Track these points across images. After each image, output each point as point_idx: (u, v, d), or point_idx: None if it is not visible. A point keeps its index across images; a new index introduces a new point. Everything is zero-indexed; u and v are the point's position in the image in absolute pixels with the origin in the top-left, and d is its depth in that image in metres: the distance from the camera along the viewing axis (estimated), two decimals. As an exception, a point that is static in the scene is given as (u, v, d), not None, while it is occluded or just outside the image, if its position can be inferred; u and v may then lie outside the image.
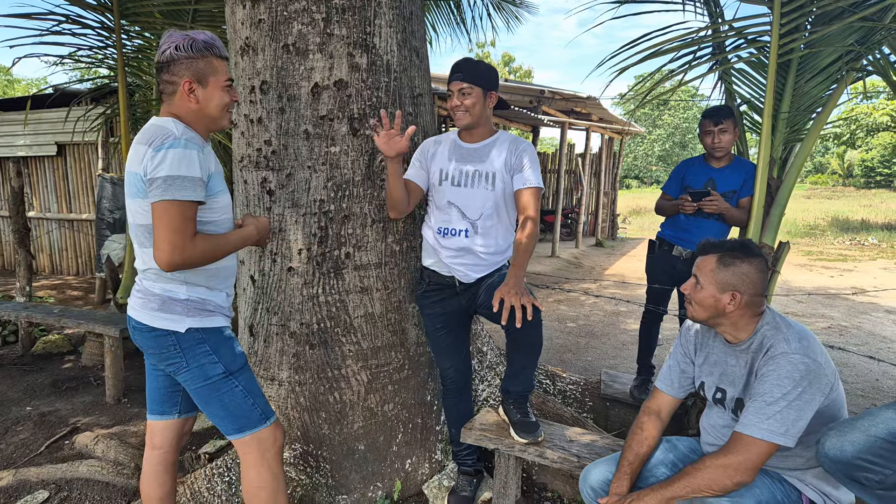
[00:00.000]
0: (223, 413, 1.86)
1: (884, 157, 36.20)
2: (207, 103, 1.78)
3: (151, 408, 2.04)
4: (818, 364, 1.65)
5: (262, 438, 1.90)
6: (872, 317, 6.67)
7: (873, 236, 15.40)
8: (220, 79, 1.79)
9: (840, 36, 2.70)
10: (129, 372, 4.21)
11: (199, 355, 1.81)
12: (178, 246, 1.64)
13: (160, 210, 1.64)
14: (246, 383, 1.88)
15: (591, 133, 12.59)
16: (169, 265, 1.66)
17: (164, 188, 1.62)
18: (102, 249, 6.29)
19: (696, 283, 1.82)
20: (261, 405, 1.91)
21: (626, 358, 4.99)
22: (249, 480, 1.93)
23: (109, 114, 5.44)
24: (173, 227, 1.63)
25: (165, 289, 1.79)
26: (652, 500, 1.71)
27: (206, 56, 1.76)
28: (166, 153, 1.63)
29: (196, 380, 1.82)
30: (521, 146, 2.36)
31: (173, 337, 1.79)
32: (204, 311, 1.83)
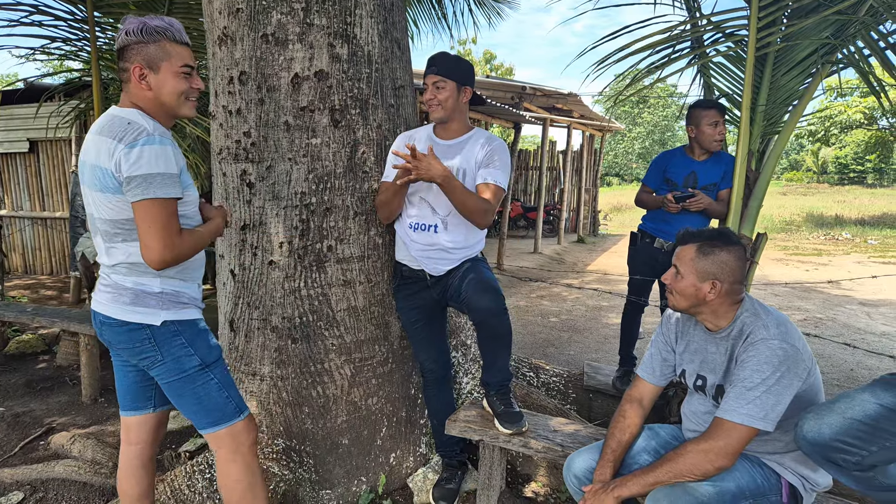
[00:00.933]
0: (197, 407, 1.83)
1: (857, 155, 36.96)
2: (160, 90, 1.72)
3: (124, 404, 2.00)
4: (796, 349, 1.67)
5: (236, 432, 1.88)
6: (846, 309, 6.80)
7: (847, 231, 15.73)
8: (175, 64, 1.72)
9: (816, 30, 2.74)
10: (106, 371, 4.13)
11: (175, 348, 1.78)
12: (167, 243, 1.63)
13: (144, 209, 1.61)
14: (221, 376, 1.86)
15: (573, 130, 12.66)
16: (161, 263, 1.64)
17: (145, 187, 1.59)
18: (77, 247, 6.14)
19: (677, 273, 1.83)
20: (235, 399, 1.89)
21: (608, 351, 5.03)
22: (226, 474, 1.90)
23: (83, 108, 5.33)
24: (161, 225, 1.62)
25: (138, 282, 1.75)
26: (635, 486, 1.73)
27: (159, 40, 1.69)
28: (142, 150, 1.59)
29: (171, 373, 1.79)
30: (494, 144, 2.37)
31: (147, 330, 1.75)
32: (178, 304, 1.80)
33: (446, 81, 2.30)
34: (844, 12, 2.65)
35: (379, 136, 2.55)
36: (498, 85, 9.19)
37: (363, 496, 2.57)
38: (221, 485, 1.93)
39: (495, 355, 2.35)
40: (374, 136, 2.54)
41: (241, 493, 1.91)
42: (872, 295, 7.59)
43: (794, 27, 2.70)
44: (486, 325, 2.27)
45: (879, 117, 18.55)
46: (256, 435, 1.95)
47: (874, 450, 1.52)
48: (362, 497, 2.57)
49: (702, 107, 3.12)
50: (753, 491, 1.72)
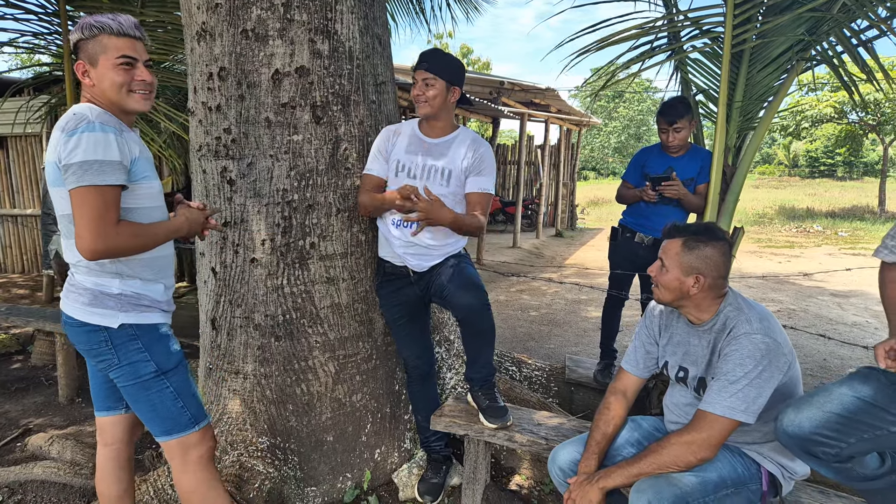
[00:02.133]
0: (151, 414, 1.79)
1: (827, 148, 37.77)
2: (101, 84, 1.68)
3: (98, 404, 1.97)
4: (778, 343, 1.71)
5: (187, 444, 1.82)
6: (819, 300, 6.97)
7: (818, 224, 16.09)
8: (111, 56, 1.67)
9: (790, 27, 2.79)
10: (83, 371, 4.06)
11: (131, 352, 1.73)
12: (99, 233, 1.56)
13: (79, 197, 1.55)
14: (178, 385, 1.80)
15: (550, 125, 12.73)
16: (91, 253, 1.58)
17: (81, 174, 1.55)
18: (50, 245, 6.03)
19: (662, 266, 1.86)
20: (192, 408, 1.83)
21: (588, 344, 5.09)
22: (178, 485, 1.87)
23: (55, 103, 5.21)
24: (94, 213, 1.55)
25: (97, 283, 1.71)
26: (619, 478, 1.76)
27: (97, 35, 1.66)
28: (80, 137, 1.55)
29: (127, 377, 1.75)
30: (482, 148, 2.38)
31: (105, 333, 1.71)
32: (139, 307, 1.75)
33: (436, 79, 2.29)
34: (818, 10, 2.71)
35: (361, 132, 2.54)
36: (476, 80, 9.20)
37: (348, 492, 2.58)
38: (180, 495, 1.89)
39: (479, 351, 2.36)
40: (356, 132, 2.53)
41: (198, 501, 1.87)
42: (843, 286, 7.79)
43: (769, 24, 2.76)
44: (469, 321, 2.29)
45: (849, 111, 18.97)
46: (213, 447, 1.90)
47: (852, 441, 1.57)
48: (347, 493, 2.57)
49: (658, 112, 3.19)
50: (734, 480, 1.76)
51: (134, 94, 1.72)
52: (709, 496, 1.71)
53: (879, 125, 18.75)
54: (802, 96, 19.33)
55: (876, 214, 18.08)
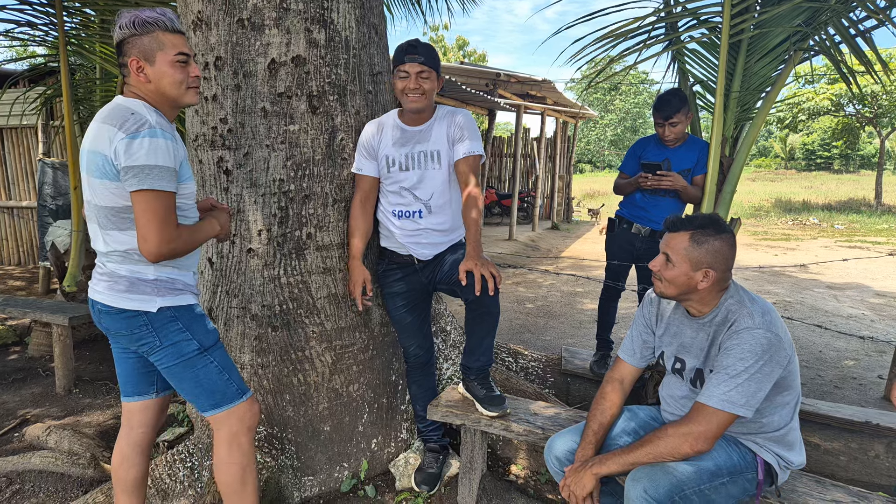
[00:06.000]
0: (198, 390, 1.84)
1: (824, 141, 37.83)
2: (159, 81, 1.72)
3: (126, 390, 2.00)
4: (779, 338, 1.71)
5: (237, 414, 1.89)
6: (814, 292, 6.99)
7: (814, 216, 16.13)
8: (169, 54, 1.72)
9: (788, 17, 2.79)
10: (80, 362, 4.07)
11: (173, 333, 1.78)
12: (164, 236, 1.64)
13: (143, 200, 1.61)
14: (220, 359, 1.87)
15: (546, 117, 12.70)
16: (156, 256, 1.65)
17: (142, 177, 1.60)
18: (46, 237, 6.01)
19: (667, 261, 1.82)
20: (236, 381, 1.90)
21: (584, 336, 5.10)
22: (221, 456, 1.91)
23: (50, 94, 5.18)
24: (159, 217, 1.63)
25: (133, 270, 1.76)
26: (614, 465, 1.77)
27: (151, 31, 1.69)
28: (142, 141, 1.60)
29: (170, 358, 1.80)
30: (457, 116, 2.38)
31: (144, 317, 1.76)
32: (174, 290, 1.80)
33: (431, 72, 2.29)
34: (816, 0, 2.70)
35: (357, 122, 2.53)
36: (472, 71, 9.17)
37: (345, 482, 2.58)
38: (216, 466, 1.93)
39: (482, 337, 2.37)
40: (352, 122, 2.52)
41: (234, 475, 1.92)
42: (839, 278, 7.82)
43: (767, 14, 2.75)
44: (479, 303, 2.28)
45: (846, 104, 18.98)
46: (258, 418, 1.96)
47: None
48: (344, 483, 2.58)
49: (654, 108, 3.18)
50: (730, 469, 1.77)
51: (189, 89, 1.79)
52: (704, 485, 1.71)
53: (876, 118, 18.77)
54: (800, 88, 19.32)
55: (872, 207, 18.13)
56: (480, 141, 2.39)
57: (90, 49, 4.61)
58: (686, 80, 3.28)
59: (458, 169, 2.35)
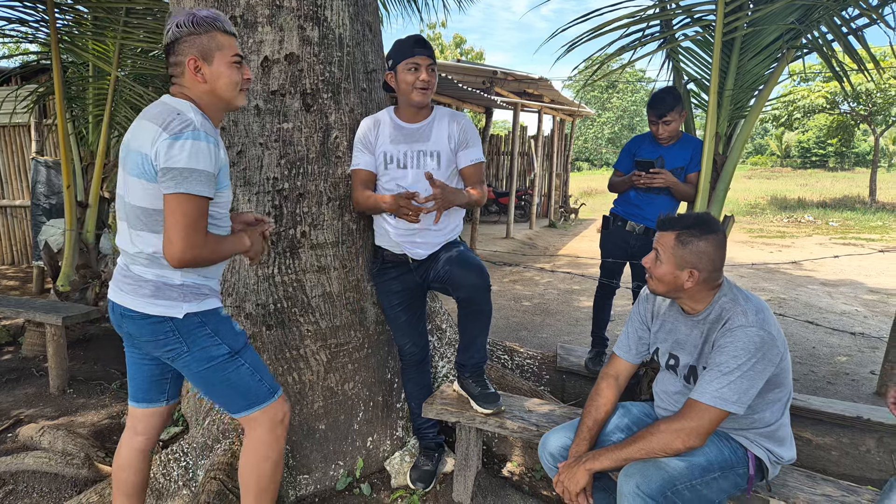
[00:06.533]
0: (230, 392, 1.81)
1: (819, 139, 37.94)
2: (216, 82, 1.70)
3: (136, 396, 1.97)
4: (772, 336, 1.72)
5: (270, 412, 1.87)
6: (809, 289, 7.02)
7: (809, 214, 16.19)
8: (227, 54, 1.71)
9: (781, 14, 2.79)
10: (74, 362, 4.06)
11: (201, 338, 1.74)
12: (190, 242, 1.59)
13: (175, 203, 1.58)
14: (251, 360, 1.84)
15: (543, 115, 12.71)
16: (179, 261, 1.61)
17: (180, 180, 1.56)
18: (40, 236, 5.99)
19: (657, 259, 1.85)
20: (268, 380, 1.87)
21: (580, 334, 5.12)
22: (257, 455, 1.88)
23: (43, 92, 5.15)
24: (189, 222, 1.58)
25: (159, 274, 1.71)
26: (607, 461, 1.78)
27: (210, 31, 1.67)
28: (184, 143, 1.56)
29: (199, 363, 1.76)
30: (462, 121, 2.40)
31: (171, 323, 1.71)
32: (200, 295, 1.76)
33: (435, 67, 2.32)
34: (808, -2, 2.70)
35: (352, 120, 2.53)
36: (469, 69, 9.17)
37: (340, 480, 2.59)
38: (247, 463, 1.90)
39: (475, 334, 2.38)
40: (346, 120, 2.52)
41: (268, 472, 1.90)
42: (833, 275, 7.85)
43: (760, 12, 2.75)
44: (471, 301, 2.30)
45: (841, 102, 19.04)
46: (289, 412, 1.94)
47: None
48: (340, 481, 2.58)
49: (648, 106, 3.19)
50: (722, 464, 1.78)
51: (242, 91, 1.78)
52: (696, 480, 1.72)
53: (871, 115, 18.84)
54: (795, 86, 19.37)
55: (867, 204, 18.20)
56: (481, 146, 2.44)
57: (83, 46, 4.58)
58: (680, 78, 3.28)
59: (466, 175, 2.41)
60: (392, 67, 2.33)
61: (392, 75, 2.34)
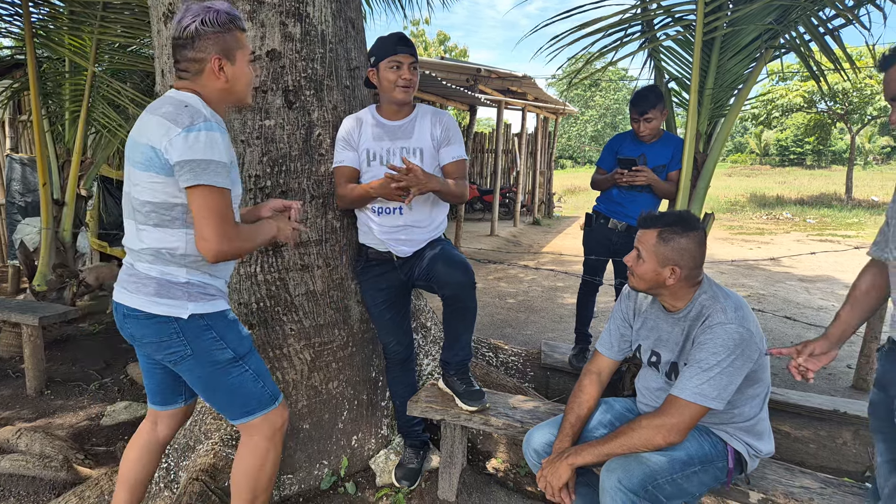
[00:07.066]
0: (231, 398, 1.77)
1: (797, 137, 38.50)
2: (237, 81, 1.69)
3: (154, 399, 1.95)
4: (751, 333, 1.75)
5: (272, 420, 1.84)
6: (787, 285, 7.13)
7: (787, 211, 16.43)
8: (246, 53, 1.70)
9: (759, 15, 2.83)
10: (51, 363, 3.99)
11: (206, 342, 1.70)
12: (224, 234, 1.56)
13: (201, 196, 1.54)
14: (255, 366, 1.81)
15: (527, 113, 12.75)
16: (217, 255, 1.57)
17: (198, 171, 1.53)
18: (15, 234, 5.88)
19: (638, 257, 1.86)
20: (270, 386, 1.84)
21: (565, 330, 5.15)
22: (252, 462, 1.84)
23: (17, 88, 5.05)
24: (219, 214, 1.55)
25: (164, 271, 1.66)
26: (589, 456, 1.79)
27: (232, 30, 1.65)
28: (199, 135, 1.53)
29: (202, 367, 1.71)
30: (444, 118, 2.40)
31: (176, 324, 1.66)
32: (206, 295, 1.71)
33: (417, 64, 2.31)
34: (787, -2, 2.74)
35: (335, 117, 2.52)
36: (453, 67, 9.16)
37: (325, 479, 2.58)
38: (242, 470, 1.86)
39: (460, 332, 2.38)
40: (329, 117, 2.50)
41: (265, 479, 1.87)
42: (810, 271, 7.98)
43: (740, 12, 2.79)
44: (456, 298, 2.29)
45: (818, 100, 19.33)
46: (287, 416, 1.92)
47: None
48: (324, 480, 2.57)
49: (630, 103, 3.22)
50: (702, 458, 1.81)
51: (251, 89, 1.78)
52: (676, 474, 1.75)
53: (847, 114, 19.15)
54: (773, 85, 19.63)
55: (843, 202, 18.52)
56: (463, 143, 2.44)
57: (59, 41, 4.50)
58: (662, 76, 3.31)
59: (448, 172, 2.40)
60: (374, 65, 2.32)
61: (374, 72, 2.34)
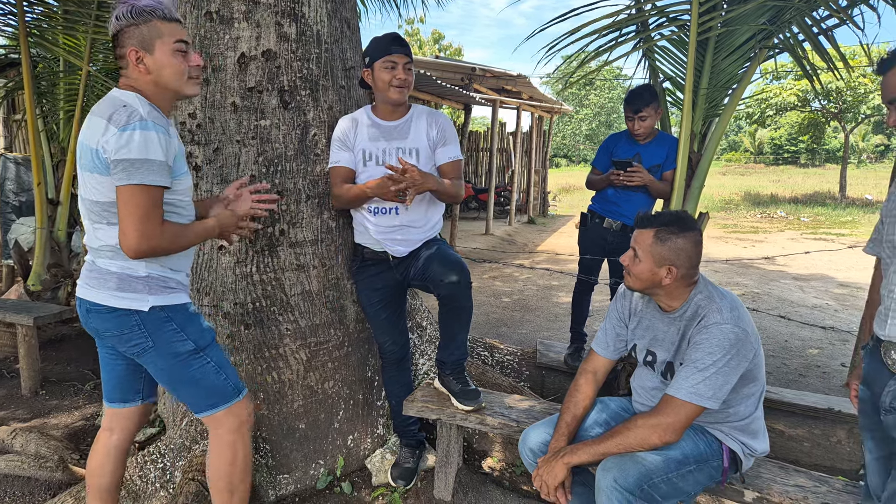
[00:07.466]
0: (194, 390, 1.79)
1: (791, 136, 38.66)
2: (160, 71, 1.67)
3: (111, 396, 1.94)
4: (746, 333, 1.76)
5: (236, 412, 1.85)
6: (781, 283, 7.17)
7: (781, 209, 16.50)
8: (168, 42, 1.66)
9: (753, 15, 2.84)
10: (46, 363, 3.98)
11: (167, 333, 1.73)
12: (146, 234, 1.58)
13: (127, 195, 1.57)
14: (217, 358, 1.83)
15: (522, 112, 12.76)
16: (136, 252, 1.59)
17: (132, 171, 1.55)
18: (9, 234, 5.85)
19: (635, 256, 1.87)
20: (233, 379, 1.86)
21: (560, 329, 5.16)
22: (223, 455, 1.86)
23: (11, 87, 5.03)
24: (141, 213, 1.57)
25: (123, 266, 1.70)
26: (585, 455, 1.80)
27: (149, 20, 1.64)
28: (132, 134, 1.55)
29: (164, 359, 1.74)
30: (440, 119, 2.41)
31: (136, 316, 1.70)
32: (167, 288, 1.75)
33: (412, 64, 2.31)
34: (780, -1, 2.75)
35: (330, 117, 2.52)
36: (448, 66, 9.16)
37: (321, 479, 2.58)
38: (215, 467, 1.87)
39: (456, 331, 2.38)
40: (325, 117, 2.50)
41: (237, 475, 1.88)
42: (805, 270, 8.02)
43: (734, 13, 2.80)
44: (452, 298, 2.31)
45: (812, 99, 19.42)
46: (253, 411, 1.93)
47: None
48: (320, 480, 2.58)
49: (625, 101, 3.22)
50: (697, 457, 1.82)
51: (191, 80, 1.73)
52: (672, 473, 1.76)
53: (841, 113, 19.25)
54: (767, 84, 19.71)
55: (837, 200, 18.61)
56: (458, 143, 2.45)
57: (53, 40, 4.48)
58: (656, 76, 3.33)
59: (444, 172, 2.40)
60: (369, 65, 2.33)
61: (369, 72, 2.34)
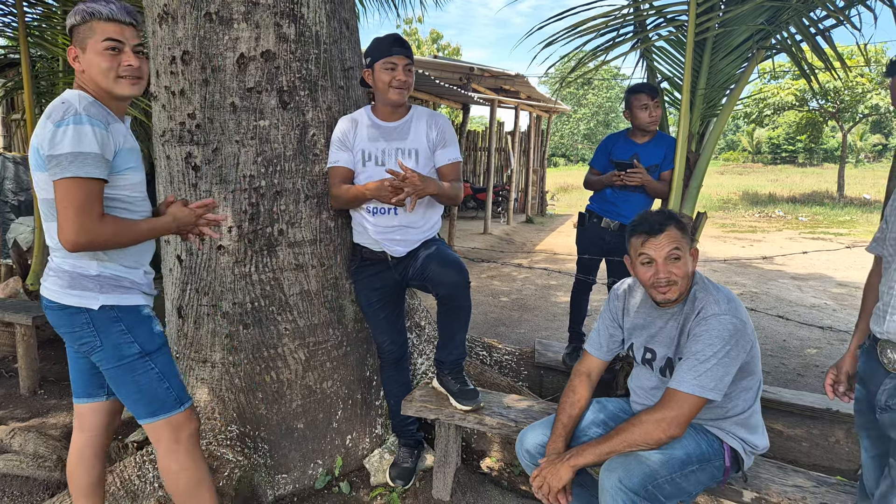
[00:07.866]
0: (137, 396, 1.79)
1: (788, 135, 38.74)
2: (89, 69, 1.68)
3: (77, 391, 1.96)
4: (744, 323, 1.78)
5: (174, 424, 1.84)
6: (779, 283, 7.18)
7: (779, 209, 16.53)
8: (98, 40, 1.66)
9: (751, 16, 2.85)
10: (44, 362, 3.98)
11: (114, 334, 1.74)
12: (81, 226, 1.58)
13: (62, 189, 1.57)
14: (162, 366, 1.82)
15: (520, 111, 12.76)
16: (72, 245, 1.59)
17: (65, 166, 1.56)
18: (8, 234, 5.85)
19: (678, 259, 1.83)
20: (176, 389, 1.85)
21: (558, 329, 5.17)
22: (167, 467, 1.87)
23: (11, 87, 5.02)
24: (76, 206, 1.57)
25: (75, 265, 1.72)
26: (590, 456, 1.80)
27: (88, 21, 1.66)
28: (66, 129, 1.56)
29: (110, 360, 1.75)
30: (440, 121, 2.42)
31: (86, 314, 1.72)
32: (119, 288, 1.75)
33: (412, 65, 2.32)
34: (778, -1, 2.76)
35: (329, 118, 2.52)
36: (446, 65, 9.17)
37: (319, 479, 2.58)
38: (164, 477, 1.89)
39: (454, 331, 2.39)
40: (323, 118, 2.51)
41: (186, 484, 1.88)
42: (803, 269, 8.03)
43: (731, 13, 2.81)
44: (451, 298, 2.31)
45: (810, 99, 19.45)
46: (198, 426, 1.92)
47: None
48: (319, 480, 2.58)
49: (633, 91, 3.21)
50: (699, 457, 1.82)
51: (122, 79, 1.72)
52: (675, 473, 1.76)
53: (839, 112, 19.28)
54: (765, 84, 19.73)
55: (835, 199, 18.65)
56: (458, 145, 2.46)
57: (52, 41, 4.48)
58: (654, 76, 3.33)
59: (443, 174, 2.41)
60: (370, 65, 2.33)
61: (369, 73, 2.35)
